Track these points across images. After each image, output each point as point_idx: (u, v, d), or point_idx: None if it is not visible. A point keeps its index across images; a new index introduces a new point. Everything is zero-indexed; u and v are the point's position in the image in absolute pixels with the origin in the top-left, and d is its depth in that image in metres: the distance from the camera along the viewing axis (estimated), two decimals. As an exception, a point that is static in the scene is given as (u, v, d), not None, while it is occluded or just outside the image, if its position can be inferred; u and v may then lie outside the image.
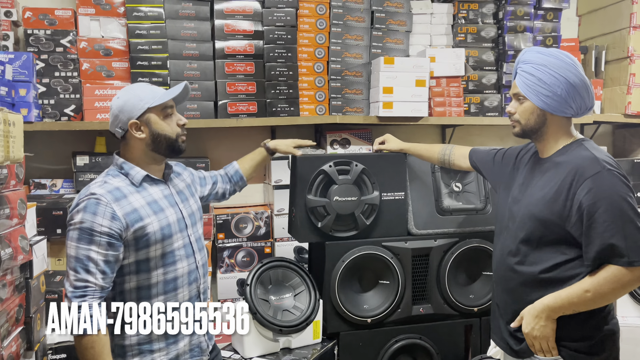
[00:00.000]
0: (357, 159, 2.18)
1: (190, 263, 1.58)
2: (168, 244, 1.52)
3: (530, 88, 1.53)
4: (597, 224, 1.42)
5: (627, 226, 1.40)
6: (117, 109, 1.52)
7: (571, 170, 1.49)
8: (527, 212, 1.57)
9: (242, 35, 2.58)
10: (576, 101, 1.52)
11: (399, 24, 2.79)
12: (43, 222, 2.24)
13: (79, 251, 1.39)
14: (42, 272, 1.93)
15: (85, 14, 2.44)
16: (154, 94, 1.53)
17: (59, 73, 2.41)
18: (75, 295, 1.38)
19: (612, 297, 1.47)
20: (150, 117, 1.52)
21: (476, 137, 3.18)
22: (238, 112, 2.58)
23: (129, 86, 1.60)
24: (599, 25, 3.13)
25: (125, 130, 1.52)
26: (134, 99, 1.51)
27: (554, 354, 1.53)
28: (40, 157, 2.60)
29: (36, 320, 1.87)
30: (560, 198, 1.49)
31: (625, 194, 1.43)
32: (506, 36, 2.86)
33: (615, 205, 1.41)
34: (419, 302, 2.25)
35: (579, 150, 1.54)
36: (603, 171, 1.44)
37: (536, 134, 1.60)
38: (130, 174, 1.52)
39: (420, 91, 2.64)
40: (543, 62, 1.52)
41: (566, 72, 1.50)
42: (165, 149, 1.55)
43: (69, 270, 1.40)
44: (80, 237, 1.40)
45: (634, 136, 3.20)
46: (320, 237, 2.17)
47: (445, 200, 2.32)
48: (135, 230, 1.45)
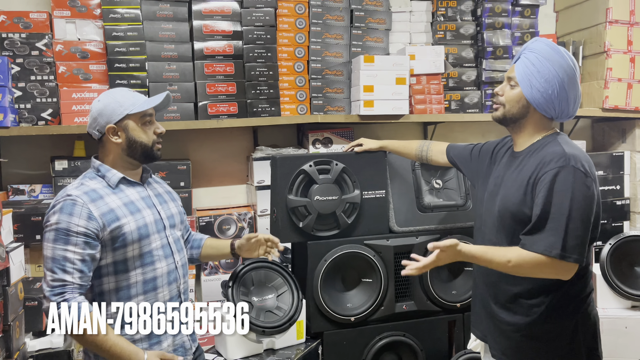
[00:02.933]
0: (337, 158, 2.19)
1: (169, 263, 1.60)
2: (145, 244, 1.54)
3: (526, 76, 1.55)
4: (547, 212, 1.46)
5: (570, 223, 1.44)
6: (96, 111, 1.55)
7: (538, 163, 1.52)
8: (502, 206, 1.60)
9: (221, 35, 2.57)
10: (561, 105, 1.55)
11: (379, 22, 2.80)
12: (21, 228, 2.21)
13: (56, 251, 1.42)
14: (20, 279, 1.90)
15: (61, 16, 2.41)
16: (135, 101, 1.56)
17: (35, 77, 2.38)
18: (54, 293, 1.40)
19: (523, 274, 1.52)
20: (129, 123, 1.55)
21: (458, 133, 3.20)
22: (219, 113, 2.56)
23: (111, 90, 1.62)
24: (576, 20, 3.17)
25: (103, 133, 1.55)
26: (113, 104, 1.54)
27: (415, 271, 1.56)
28: (18, 163, 2.57)
29: (15, 328, 1.85)
30: (527, 191, 1.52)
31: (581, 193, 1.45)
32: (485, 33, 2.88)
33: (566, 201, 1.44)
34: (402, 300, 2.26)
35: (550, 145, 1.56)
36: (566, 166, 1.47)
37: (515, 123, 1.62)
38: (107, 176, 1.55)
39: (401, 89, 2.65)
40: (548, 55, 1.53)
41: (564, 72, 1.52)
42: (140, 155, 1.58)
43: (46, 270, 1.42)
44: (56, 238, 1.42)
45: (613, 129, 3.24)
46: (302, 237, 2.17)
47: (426, 197, 2.33)
48: (112, 230, 1.47)
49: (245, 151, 2.86)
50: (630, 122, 3.10)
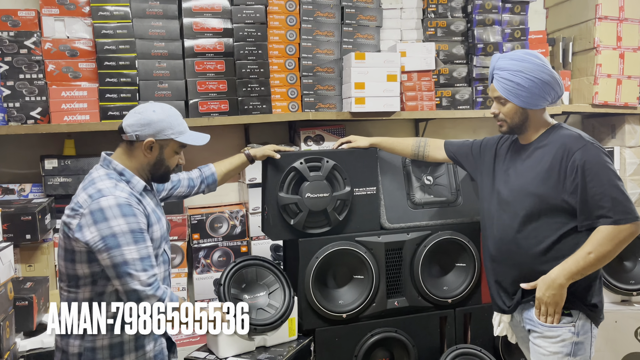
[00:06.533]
0: (328, 155, 2.19)
1: (165, 269, 1.64)
2: (159, 251, 1.58)
3: (511, 92, 1.71)
4: (587, 189, 1.61)
5: (612, 190, 1.60)
6: (147, 120, 1.55)
7: (560, 147, 1.68)
8: (523, 190, 1.73)
9: (211, 33, 2.56)
10: (551, 94, 1.72)
11: (369, 19, 2.80)
12: (11, 227, 2.19)
13: (141, 251, 1.44)
14: (9, 279, 1.89)
15: (49, 14, 2.39)
16: (184, 130, 1.61)
17: (23, 75, 2.36)
18: (155, 288, 1.44)
19: (613, 254, 1.63)
20: (167, 146, 1.59)
21: (449, 130, 3.21)
22: (209, 111, 2.56)
23: (169, 107, 1.62)
24: (566, 17, 3.18)
25: (140, 140, 1.55)
26: (166, 123, 1.56)
27: (555, 320, 1.67)
28: (7, 162, 2.56)
29: (5, 328, 1.83)
30: (553, 172, 1.67)
31: (608, 162, 1.64)
32: (475, 30, 2.89)
33: (601, 173, 1.61)
34: (394, 296, 2.27)
35: (561, 131, 1.74)
36: (588, 145, 1.65)
37: (521, 128, 1.79)
38: (132, 182, 1.56)
39: (392, 86, 2.65)
40: (518, 68, 1.69)
41: (540, 73, 1.69)
42: (159, 175, 1.63)
43: (137, 272, 1.42)
44: (136, 239, 1.44)
45: (603, 125, 3.26)
46: (293, 234, 2.17)
47: (417, 193, 2.34)
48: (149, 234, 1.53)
49: (237, 149, 2.83)
50: (619, 117, 3.12)
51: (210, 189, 2.03)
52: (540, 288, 1.67)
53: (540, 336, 1.71)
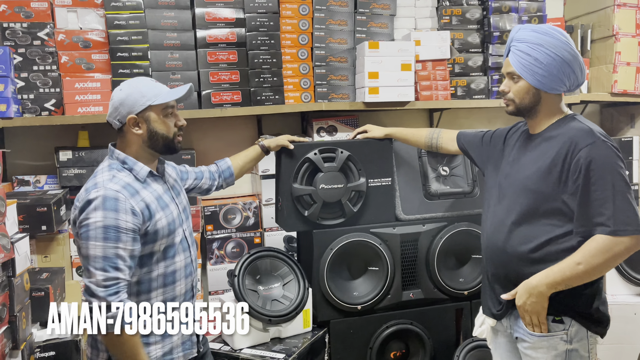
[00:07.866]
0: (342, 146, 2.16)
1: (186, 257, 1.60)
2: (171, 238, 1.53)
3: (526, 68, 1.53)
4: (589, 192, 1.45)
5: (617, 197, 1.43)
6: (118, 101, 1.50)
7: (566, 141, 1.51)
8: (521, 186, 1.58)
9: (223, 23, 2.54)
10: (570, 78, 1.54)
11: (383, 7, 2.76)
12: (27, 219, 2.20)
13: (107, 250, 1.38)
14: (25, 269, 1.90)
15: (62, 5, 2.39)
16: (157, 92, 1.52)
17: (37, 67, 2.36)
18: (109, 293, 1.36)
19: (604, 268, 1.47)
20: (150, 114, 1.51)
21: (464, 120, 3.16)
22: (222, 102, 2.54)
23: (133, 79, 1.56)
24: (584, 4, 3.11)
25: (123, 123, 1.51)
26: (136, 94, 1.50)
27: (543, 329, 1.53)
28: (22, 153, 2.57)
29: (21, 319, 1.85)
30: (555, 169, 1.51)
31: (618, 165, 1.46)
32: (491, 17, 2.83)
33: (607, 176, 1.44)
34: (409, 288, 2.25)
35: (573, 124, 1.55)
36: (598, 142, 1.47)
37: (530, 112, 1.61)
38: (135, 169, 1.51)
39: (406, 75, 2.61)
40: (539, 41, 1.51)
41: (562, 50, 1.51)
42: (162, 147, 1.55)
43: (95, 270, 1.37)
44: (106, 236, 1.38)
45: (622, 114, 3.20)
46: (307, 225, 2.15)
47: (433, 184, 2.31)
48: (148, 227, 1.46)
49: (250, 140, 2.84)
50: (639, 106, 3.05)
51: (228, 182, 2.00)
52: (521, 295, 1.53)
53: (531, 347, 1.57)
